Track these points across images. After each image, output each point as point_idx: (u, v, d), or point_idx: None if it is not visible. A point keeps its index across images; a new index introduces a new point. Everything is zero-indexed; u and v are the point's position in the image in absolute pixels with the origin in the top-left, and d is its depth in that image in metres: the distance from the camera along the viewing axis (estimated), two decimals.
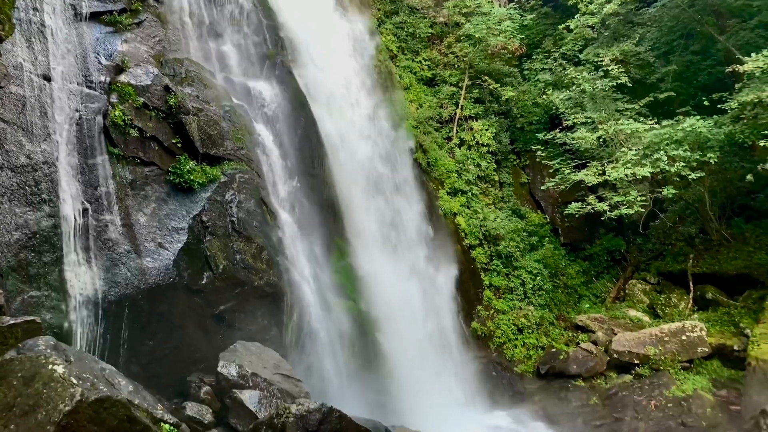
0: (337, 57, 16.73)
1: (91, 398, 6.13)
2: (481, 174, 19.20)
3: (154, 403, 8.24)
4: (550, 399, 14.41)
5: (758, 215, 16.71)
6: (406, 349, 14.17)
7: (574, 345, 15.62)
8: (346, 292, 14.00)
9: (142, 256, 10.21)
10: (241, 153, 12.42)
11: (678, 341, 14.38)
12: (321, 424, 7.92)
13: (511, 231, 18.09)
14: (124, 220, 10.25)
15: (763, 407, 10.78)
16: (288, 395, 9.82)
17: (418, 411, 12.77)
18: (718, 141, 14.55)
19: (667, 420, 12.79)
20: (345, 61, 16.96)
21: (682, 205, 17.50)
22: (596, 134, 16.23)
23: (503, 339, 16.32)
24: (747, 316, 14.45)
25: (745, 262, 15.58)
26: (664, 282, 17.04)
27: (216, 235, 11.31)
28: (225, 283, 11.21)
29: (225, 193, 11.73)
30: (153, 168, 11.02)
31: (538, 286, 17.41)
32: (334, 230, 14.38)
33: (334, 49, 16.69)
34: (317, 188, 14.23)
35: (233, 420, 8.96)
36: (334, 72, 16.21)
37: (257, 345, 10.96)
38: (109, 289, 9.65)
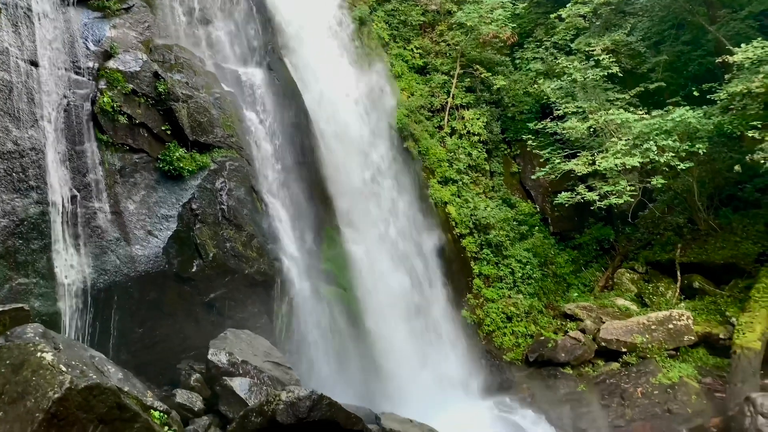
0: (328, 44, 16.63)
1: (80, 385, 6.14)
2: (472, 163, 19.20)
3: (144, 391, 8.27)
4: (538, 386, 14.55)
5: (745, 205, 16.88)
6: (396, 337, 14.25)
7: (562, 333, 15.76)
8: (336, 280, 14.03)
9: (132, 244, 10.17)
10: (231, 140, 12.36)
11: (665, 330, 14.56)
12: (311, 411, 7.97)
13: (501, 220, 18.15)
14: (113, 207, 10.19)
15: (748, 394, 10.97)
16: (278, 383, 9.85)
17: (407, 398, 12.87)
18: (707, 131, 14.64)
19: (653, 407, 12.97)
20: (337, 49, 16.86)
21: (670, 195, 17.63)
22: (587, 124, 16.27)
23: (492, 327, 16.44)
24: (733, 305, 14.65)
25: (731, 251, 15.75)
26: (652, 271, 17.20)
27: (206, 222, 11.28)
28: (215, 271, 11.19)
29: (215, 181, 11.69)
30: (142, 155, 10.95)
31: (527, 275, 17.52)
32: (324, 218, 14.37)
33: (325, 36, 16.60)
34: (308, 176, 14.20)
35: (223, 407, 8.98)
36: (325, 59, 16.12)
37: (248, 333, 10.98)
38: (99, 277, 9.61)
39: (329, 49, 16.55)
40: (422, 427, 9.84)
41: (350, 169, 15.52)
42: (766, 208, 16.36)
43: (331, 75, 16.12)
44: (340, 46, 17.01)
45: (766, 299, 13.73)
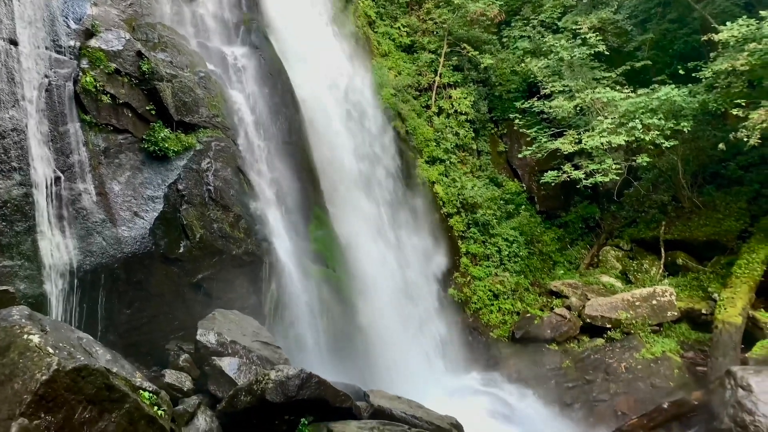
0: (314, 21, 16.44)
1: (68, 367, 6.14)
2: (460, 142, 19.23)
3: (132, 372, 8.28)
4: (524, 362, 14.79)
5: (728, 183, 17.08)
6: (384, 316, 14.37)
7: (548, 310, 15.97)
8: (324, 260, 14.06)
9: (118, 225, 10.11)
10: (217, 120, 12.25)
11: (649, 306, 14.80)
12: (300, 389, 8.05)
13: (488, 199, 18.24)
14: (98, 188, 10.10)
15: (728, 368, 11.19)
16: (267, 362, 9.91)
17: (395, 375, 13.03)
18: (692, 110, 14.73)
19: (636, 381, 13.24)
20: (323, 27, 16.68)
21: (655, 173, 17.79)
22: (573, 103, 16.32)
23: (479, 305, 16.62)
24: (715, 281, 14.90)
25: (714, 228, 15.98)
26: (637, 248, 17.43)
27: (192, 203, 11.22)
28: (202, 252, 11.17)
29: (201, 162, 11.60)
30: (127, 135, 10.82)
31: (513, 253, 17.68)
32: (312, 199, 14.35)
33: (311, 14, 16.39)
34: (295, 156, 14.13)
35: (213, 387, 9.03)
36: (311, 37, 15.95)
37: (236, 313, 11.00)
38: (85, 259, 9.56)
39: (315, 26, 16.36)
40: (410, 403, 9.98)
41: (337, 150, 15.46)
42: (748, 185, 16.58)
43: (317, 53, 15.96)
44: (327, 24, 16.83)
45: (747, 275, 13.99)
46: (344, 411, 8.64)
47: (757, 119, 12.74)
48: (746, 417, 10.05)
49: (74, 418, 6.13)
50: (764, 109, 12.80)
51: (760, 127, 12.75)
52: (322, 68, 16.03)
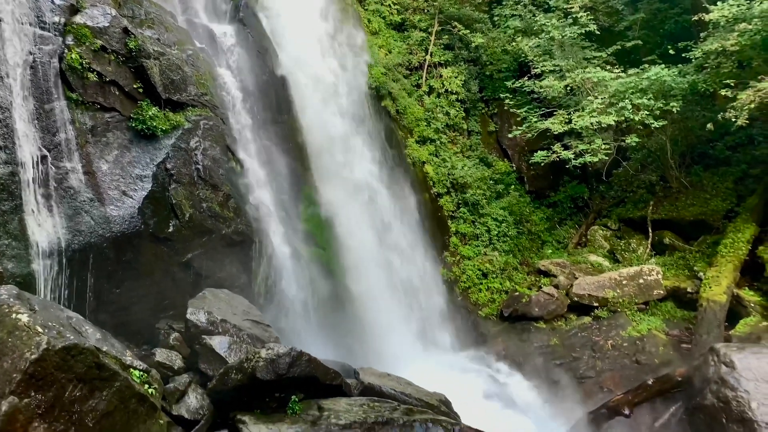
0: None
1: (57, 346, 6.16)
2: (450, 122, 19.20)
3: (122, 350, 8.31)
4: (512, 340, 14.96)
5: (716, 163, 17.21)
6: (374, 295, 14.46)
7: (536, 289, 16.13)
8: (315, 240, 14.10)
9: (106, 204, 10.05)
10: (205, 99, 12.15)
11: (635, 284, 14.98)
12: (291, 367, 8.14)
13: (478, 179, 18.28)
14: (85, 167, 10.02)
15: (712, 345, 11.38)
16: (258, 340, 9.98)
17: (385, 353, 13.16)
18: (681, 90, 14.77)
19: (622, 358, 13.45)
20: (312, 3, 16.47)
21: (644, 153, 17.88)
22: (564, 82, 16.30)
23: (468, 284, 16.76)
24: (701, 260, 15.08)
25: (701, 208, 16.14)
26: (625, 228, 17.59)
27: (181, 183, 11.17)
28: (192, 232, 11.16)
29: (189, 140, 11.52)
30: (114, 114, 10.71)
31: (503, 233, 17.78)
32: (302, 178, 14.33)
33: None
34: (284, 135, 14.07)
35: (203, 365, 9.08)
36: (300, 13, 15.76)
37: (226, 292, 11.03)
38: (73, 238, 9.52)
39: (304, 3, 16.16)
40: (399, 380, 10.11)
41: (327, 129, 15.39)
42: (735, 165, 16.72)
43: (307, 30, 15.80)
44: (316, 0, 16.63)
45: (732, 254, 14.17)
46: (334, 388, 8.76)
47: (746, 99, 12.80)
48: (729, 393, 10.26)
49: (65, 396, 6.17)
50: (753, 89, 12.84)
51: (748, 108, 12.81)
52: (312, 46, 15.86)
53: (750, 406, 9.96)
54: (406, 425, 7.93)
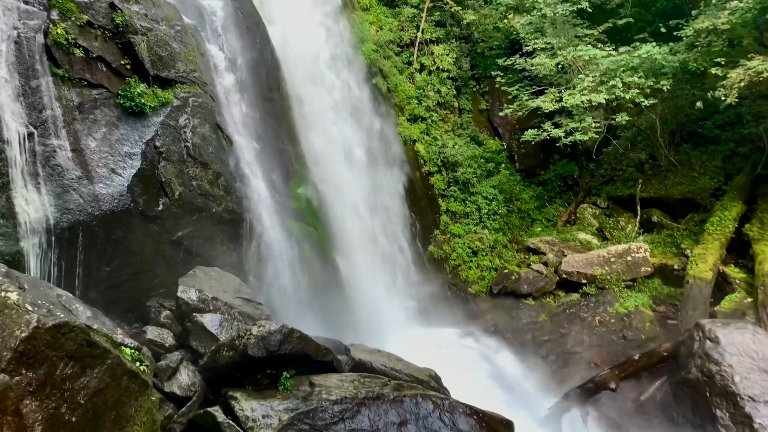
0: None
1: (48, 324, 6.16)
2: (441, 100, 19.13)
3: (113, 328, 8.34)
4: (501, 317, 15.13)
5: (705, 142, 17.31)
6: (365, 272, 14.53)
7: (525, 266, 16.28)
8: (305, 218, 14.10)
9: (95, 182, 9.98)
10: (194, 75, 12.01)
11: (623, 262, 15.15)
12: (282, 344, 8.20)
13: (468, 158, 18.29)
14: (73, 144, 9.92)
15: (697, 321, 11.58)
16: (249, 318, 10.04)
17: (376, 330, 13.28)
18: (672, 68, 14.78)
19: (609, 334, 13.66)
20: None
21: (634, 132, 17.94)
22: (555, 60, 16.25)
23: (458, 261, 16.88)
24: (688, 238, 15.25)
25: (689, 186, 16.27)
26: (614, 206, 17.72)
27: (170, 160, 11.09)
28: (182, 210, 11.11)
29: (178, 118, 11.42)
30: (101, 91, 10.57)
31: (493, 211, 17.87)
32: (292, 156, 14.27)
33: None
34: (275, 113, 13.97)
35: (194, 343, 9.14)
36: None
37: (217, 270, 11.05)
38: (62, 216, 9.46)
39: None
40: (390, 356, 10.22)
41: (318, 106, 15.30)
42: (724, 144, 16.82)
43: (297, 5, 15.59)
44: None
45: (719, 232, 14.33)
46: (326, 364, 8.84)
47: (735, 78, 12.83)
48: (713, 367, 10.47)
49: (56, 374, 6.19)
50: (742, 68, 12.87)
51: (737, 86, 12.84)
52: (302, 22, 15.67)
53: (733, 380, 10.18)
54: (397, 400, 8.04)
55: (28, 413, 5.86)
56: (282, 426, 7.37)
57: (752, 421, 9.76)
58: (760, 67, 12.53)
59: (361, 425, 7.67)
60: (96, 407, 6.53)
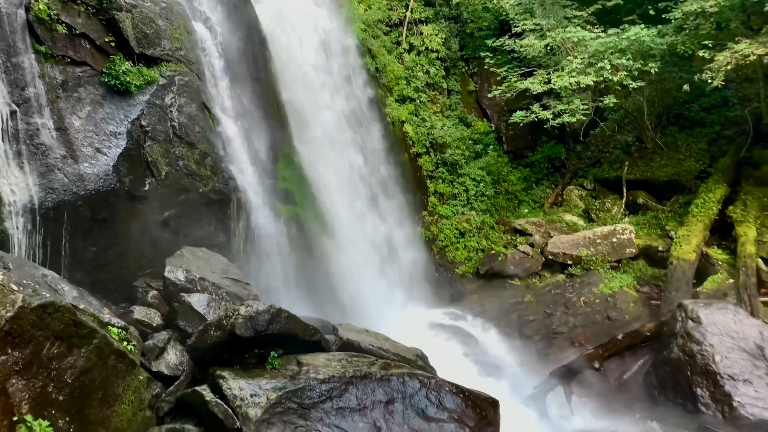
0: None
1: (33, 304, 6.14)
2: (430, 81, 19.06)
3: (100, 308, 8.32)
4: (488, 297, 15.28)
5: (691, 124, 17.44)
6: (353, 253, 14.57)
7: (512, 247, 16.41)
8: (293, 199, 14.06)
9: (80, 162, 9.87)
10: (180, 54, 11.85)
11: (609, 243, 15.32)
12: (270, 324, 8.22)
13: (457, 139, 18.30)
14: (57, 123, 9.79)
15: (680, 301, 11.78)
16: (237, 298, 10.05)
17: (363, 310, 13.36)
18: (660, 51, 14.83)
19: (594, 314, 13.84)
20: None
21: (621, 114, 18.02)
22: (544, 42, 16.21)
23: (446, 242, 16.98)
24: (673, 220, 15.43)
25: (675, 169, 16.42)
26: (600, 188, 17.84)
27: (157, 140, 10.99)
28: (168, 190, 11.04)
29: (164, 97, 11.29)
30: (85, 68, 10.41)
31: (480, 193, 17.94)
32: (280, 137, 14.17)
33: None
34: (262, 93, 13.83)
35: (182, 322, 9.13)
36: None
37: (204, 250, 11.02)
38: (46, 196, 9.37)
39: None
40: (377, 336, 10.29)
41: (306, 86, 15.18)
42: (710, 127, 16.96)
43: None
44: None
45: (703, 214, 14.51)
46: (313, 344, 8.89)
47: (722, 61, 12.90)
48: (694, 347, 10.68)
49: (42, 353, 6.19)
50: (729, 51, 12.94)
51: (724, 69, 12.92)
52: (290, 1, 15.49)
53: (714, 359, 10.40)
54: (384, 379, 8.12)
55: (14, 392, 5.87)
56: (270, 404, 7.43)
57: (731, 399, 10.00)
58: (746, 51, 12.60)
59: (349, 403, 7.75)
60: (83, 386, 6.55)
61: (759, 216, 14.25)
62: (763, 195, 14.61)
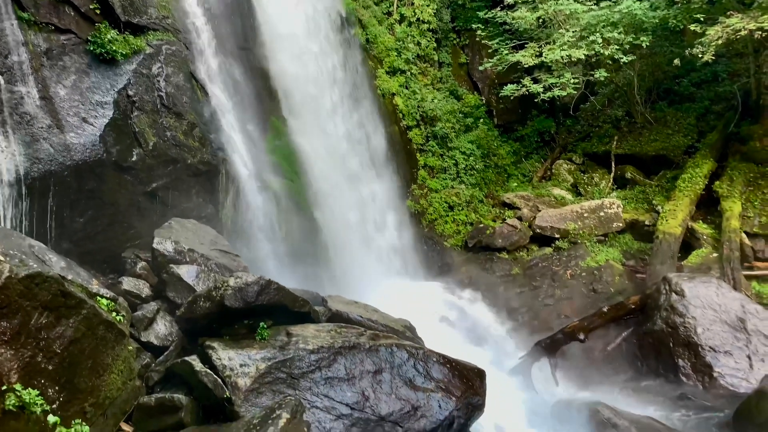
0: None
1: (20, 274, 6.12)
2: (421, 53, 18.87)
3: (89, 279, 8.33)
4: (476, 270, 15.41)
5: (680, 99, 17.48)
6: (342, 225, 14.59)
7: (500, 221, 16.51)
8: (282, 171, 13.99)
9: (65, 132, 9.75)
10: (167, 22, 11.65)
11: (596, 217, 15.45)
12: (259, 295, 8.26)
13: (447, 112, 18.22)
14: (41, 92, 9.63)
15: (665, 275, 11.95)
16: (226, 269, 10.07)
17: (353, 282, 13.44)
18: (651, 24, 14.78)
19: (580, 287, 14.02)
20: None
21: (611, 89, 18.02)
22: (536, 14, 16.10)
23: (435, 216, 17.03)
24: (660, 194, 15.57)
25: (663, 144, 16.51)
26: (589, 162, 17.93)
27: (144, 110, 10.86)
28: (156, 161, 10.96)
29: (151, 66, 11.13)
30: (70, 36, 10.20)
31: (470, 166, 17.94)
32: (269, 108, 14.04)
33: None
34: (251, 63, 13.65)
35: (171, 293, 9.15)
36: None
37: (193, 222, 10.99)
38: (32, 166, 9.26)
39: None
40: (366, 307, 10.38)
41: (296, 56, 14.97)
42: (699, 102, 17.01)
43: None
44: None
45: (689, 188, 14.64)
46: (303, 315, 8.96)
47: (714, 35, 12.88)
48: (677, 319, 10.88)
49: (30, 323, 6.19)
50: (721, 25, 12.92)
51: (715, 44, 12.92)
52: None
53: (696, 331, 10.62)
54: (372, 349, 8.22)
55: (3, 361, 5.88)
56: (259, 374, 7.51)
57: (712, 370, 10.24)
58: (738, 25, 12.58)
59: (338, 373, 7.85)
60: (72, 356, 6.58)
61: (744, 191, 14.41)
62: (749, 170, 14.75)
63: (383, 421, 7.58)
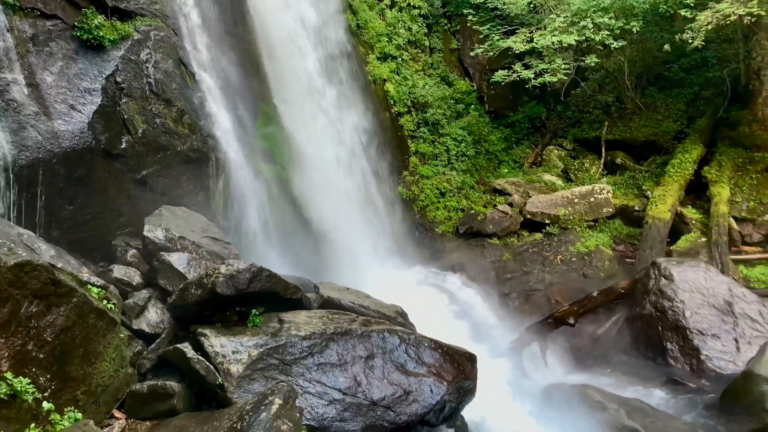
0: None
1: (9, 263, 6.10)
2: (412, 38, 18.78)
3: (79, 267, 8.29)
4: (467, 256, 15.45)
5: (670, 85, 17.53)
6: (333, 212, 14.57)
7: (491, 207, 16.56)
8: (273, 158, 13.94)
9: (53, 119, 9.65)
10: (155, 8, 11.50)
11: (587, 202, 15.53)
12: (251, 282, 8.26)
13: (438, 98, 18.18)
14: (28, 79, 9.50)
15: (654, 259, 12.07)
16: (217, 257, 10.06)
17: (344, 268, 13.46)
18: (642, 9, 14.77)
19: (570, 272, 14.13)
20: None
21: (602, 74, 18.04)
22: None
23: (426, 202, 17.06)
24: (649, 180, 15.67)
25: (653, 129, 16.59)
26: (579, 148, 17.99)
27: (133, 97, 10.76)
28: (146, 148, 10.87)
29: (140, 52, 11.00)
30: (56, 22, 10.06)
31: (461, 153, 17.95)
32: (259, 94, 13.95)
33: None
34: (240, 49, 13.53)
35: (162, 281, 9.13)
36: None
37: (183, 209, 10.95)
38: (19, 153, 9.16)
39: None
40: (358, 293, 10.41)
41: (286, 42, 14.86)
42: (689, 87, 17.08)
43: None
44: None
45: (679, 174, 14.75)
46: (295, 302, 8.98)
47: (703, 21, 12.92)
48: (666, 303, 11.02)
49: (20, 312, 6.19)
50: (711, 10, 12.94)
51: (705, 29, 12.95)
52: None
53: (684, 315, 10.75)
54: (364, 335, 8.26)
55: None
56: (252, 361, 7.54)
57: (699, 353, 10.40)
58: (727, 10, 12.62)
59: (330, 359, 7.89)
60: (63, 344, 6.58)
61: (733, 176, 14.54)
62: (737, 155, 14.87)
63: (375, 405, 7.65)
